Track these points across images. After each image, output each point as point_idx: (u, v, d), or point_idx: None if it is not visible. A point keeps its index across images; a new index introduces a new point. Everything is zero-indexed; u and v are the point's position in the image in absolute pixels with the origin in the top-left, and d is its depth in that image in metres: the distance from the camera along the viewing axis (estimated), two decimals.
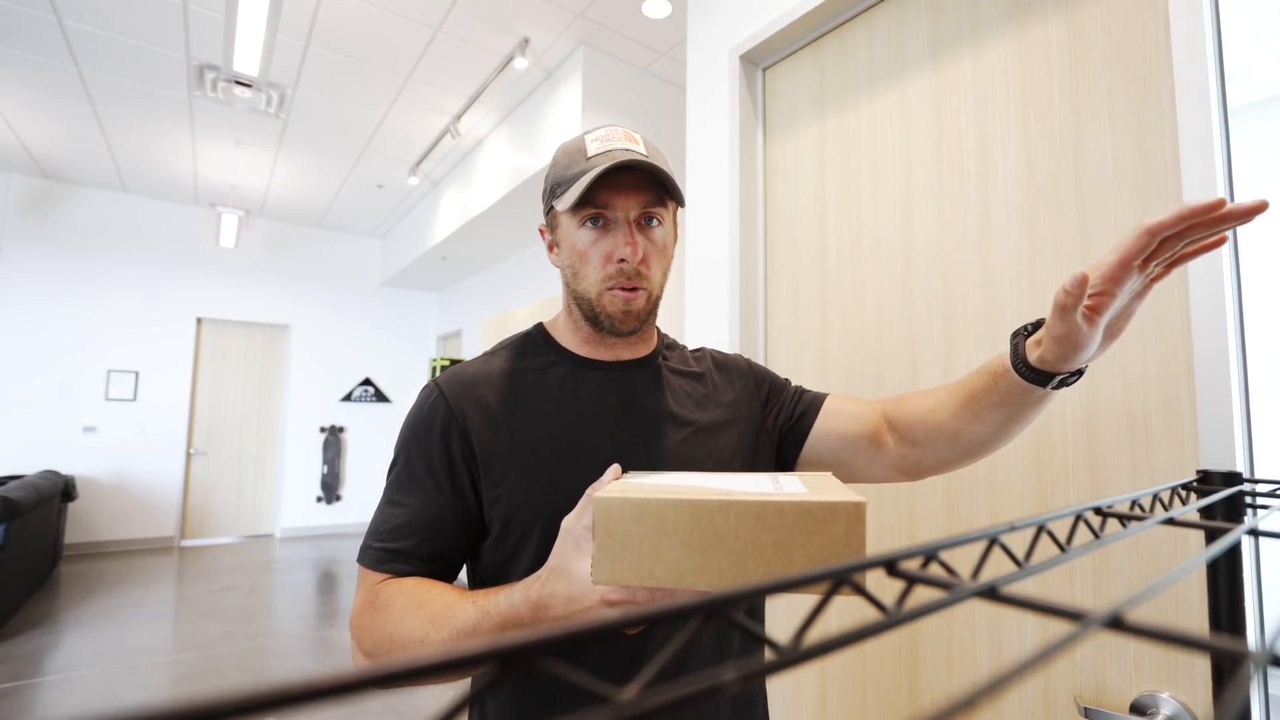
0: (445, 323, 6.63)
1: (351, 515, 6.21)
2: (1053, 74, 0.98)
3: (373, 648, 0.62)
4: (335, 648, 3.30)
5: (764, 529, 0.40)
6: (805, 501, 0.39)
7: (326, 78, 3.43)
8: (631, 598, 0.48)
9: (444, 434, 0.70)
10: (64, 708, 2.57)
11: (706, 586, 0.41)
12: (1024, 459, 0.96)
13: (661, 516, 0.42)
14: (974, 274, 1.06)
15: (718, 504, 0.41)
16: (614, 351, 0.78)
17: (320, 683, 0.10)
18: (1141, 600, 0.18)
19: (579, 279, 0.73)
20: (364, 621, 0.64)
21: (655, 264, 0.73)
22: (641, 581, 0.42)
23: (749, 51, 1.46)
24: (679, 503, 0.41)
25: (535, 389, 0.74)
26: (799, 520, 0.39)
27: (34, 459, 4.86)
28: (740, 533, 0.40)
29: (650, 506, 0.42)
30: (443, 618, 0.59)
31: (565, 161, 0.72)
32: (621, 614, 0.14)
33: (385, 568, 0.67)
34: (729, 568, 0.40)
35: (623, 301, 0.71)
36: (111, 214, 5.26)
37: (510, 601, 0.55)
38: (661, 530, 0.42)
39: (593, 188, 0.68)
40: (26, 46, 3.16)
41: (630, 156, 0.67)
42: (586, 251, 0.71)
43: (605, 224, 0.71)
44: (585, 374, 0.76)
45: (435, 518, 0.69)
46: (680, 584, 0.42)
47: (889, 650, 1.09)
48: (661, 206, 0.72)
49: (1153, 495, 0.41)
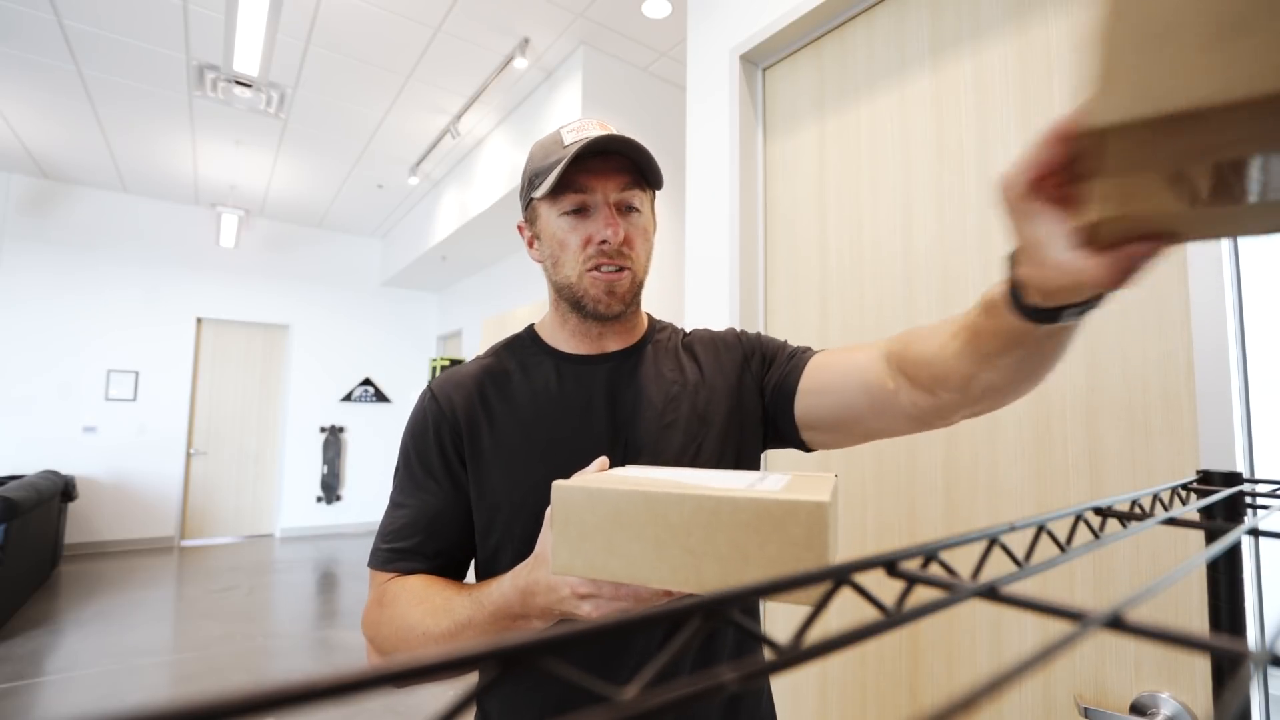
0: (445, 323, 6.62)
1: (351, 515, 6.21)
2: (1053, 74, 0.98)
3: (383, 644, 0.64)
4: (335, 648, 3.30)
5: (718, 526, 0.38)
6: (762, 499, 0.37)
7: (326, 78, 3.43)
8: (597, 591, 0.48)
9: (437, 433, 0.72)
10: (64, 708, 2.57)
11: (659, 584, 0.39)
12: (1024, 459, 0.96)
13: (616, 508, 0.40)
14: (974, 274, 1.06)
15: (672, 497, 0.39)
16: (600, 343, 0.77)
17: (320, 683, 0.10)
18: (1141, 600, 0.18)
19: (560, 266, 0.73)
20: (374, 620, 0.66)
21: (639, 245, 0.73)
22: (597, 574, 0.41)
23: (749, 51, 1.46)
24: (633, 494, 0.40)
25: (520, 388, 0.74)
26: (755, 519, 0.37)
27: (34, 459, 4.86)
28: (694, 529, 0.38)
29: (605, 497, 0.41)
30: (442, 610, 0.60)
31: (541, 154, 0.72)
32: (619, 615, 0.14)
33: (392, 567, 0.69)
34: (682, 565, 0.38)
35: (606, 283, 0.71)
36: (111, 214, 5.26)
37: (500, 590, 0.56)
38: (617, 522, 0.40)
39: (571, 172, 0.68)
40: (26, 46, 3.16)
41: (606, 135, 0.68)
42: (566, 238, 0.71)
43: (584, 210, 0.71)
44: (568, 369, 0.76)
45: (436, 516, 0.71)
46: (634, 579, 0.40)
47: (889, 650, 1.09)
48: (639, 190, 0.73)
49: (1153, 495, 0.41)
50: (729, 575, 0.37)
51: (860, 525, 1.18)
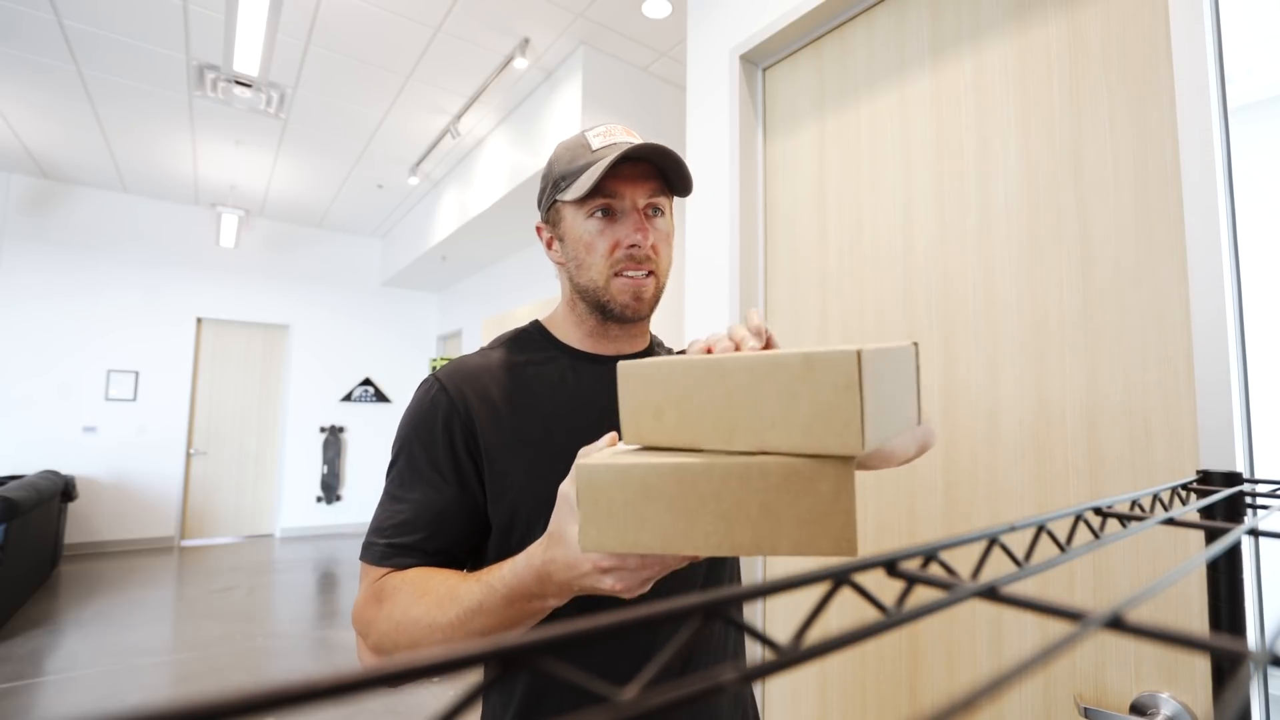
0: (445, 323, 6.62)
1: (351, 515, 6.21)
2: (1053, 74, 0.98)
3: (379, 639, 0.61)
4: (335, 648, 3.30)
5: (748, 490, 0.38)
6: (790, 461, 0.38)
7: (326, 78, 3.43)
8: (622, 564, 0.49)
9: (447, 426, 0.69)
10: (64, 708, 2.57)
11: (693, 551, 0.40)
12: (1024, 459, 0.96)
13: (645, 482, 0.41)
14: (974, 274, 1.06)
15: (701, 466, 0.39)
16: (615, 345, 0.78)
17: (320, 683, 0.10)
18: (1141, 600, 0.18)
19: (584, 269, 0.73)
20: (369, 616, 0.63)
21: (664, 250, 0.75)
22: (628, 548, 0.41)
23: (749, 51, 1.46)
24: (661, 466, 0.40)
25: (536, 383, 0.74)
26: (784, 480, 0.38)
27: (34, 459, 4.86)
28: (724, 495, 0.39)
29: (633, 472, 0.41)
30: (448, 599, 0.58)
31: (568, 156, 0.73)
32: (619, 616, 0.14)
33: (389, 563, 0.66)
34: (714, 531, 0.39)
35: (633, 288, 0.72)
36: (111, 214, 5.26)
37: (515, 571, 0.55)
38: (645, 496, 0.41)
39: (604, 176, 0.69)
40: (26, 46, 3.16)
41: (645, 145, 0.69)
42: (593, 241, 0.72)
43: (612, 214, 0.72)
44: (585, 367, 0.76)
45: (440, 512, 0.68)
46: (666, 549, 0.40)
47: (889, 650, 1.09)
48: (665, 197, 0.74)
49: (1153, 495, 0.41)
50: (761, 538, 0.38)
51: (860, 525, 1.18)
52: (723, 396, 0.41)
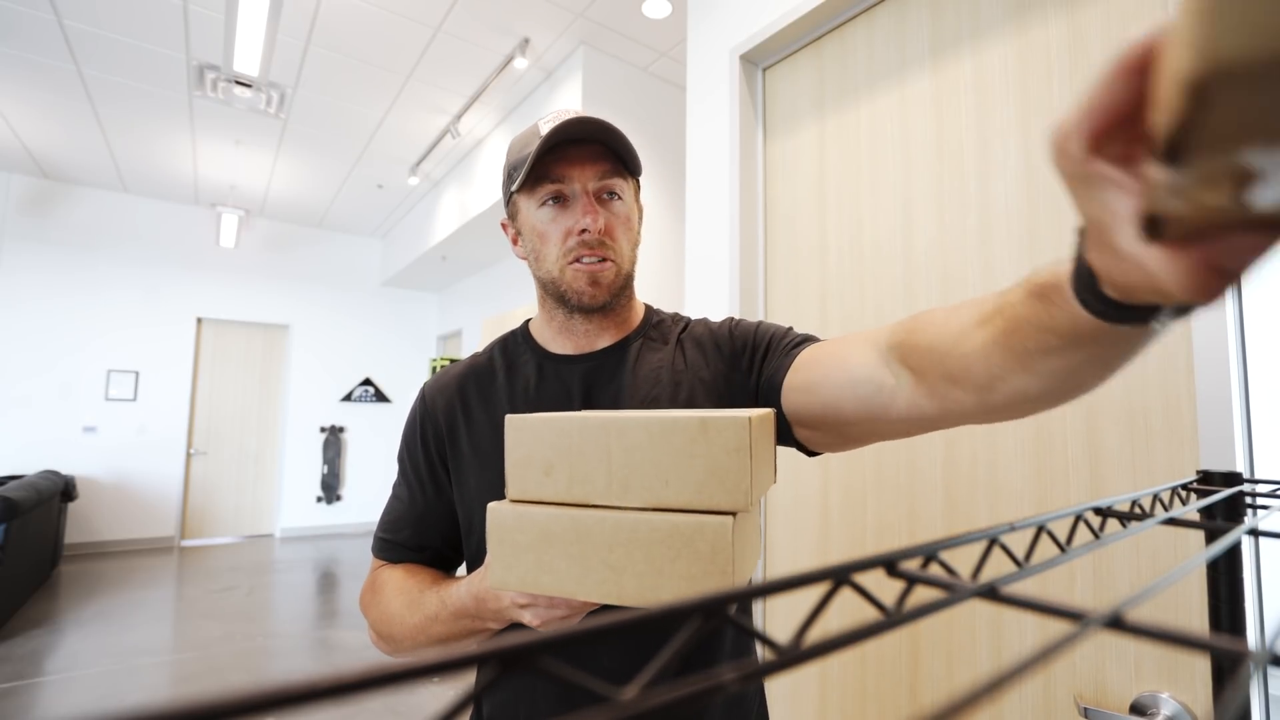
0: (445, 323, 6.62)
1: (352, 515, 6.21)
2: (1053, 74, 0.98)
3: (374, 623, 0.70)
4: (335, 648, 3.29)
5: (636, 544, 0.40)
6: (673, 519, 0.40)
7: (326, 78, 3.43)
8: (534, 602, 0.50)
9: (422, 435, 0.75)
10: (64, 708, 2.57)
11: (586, 597, 0.41)
12: (1024, 459, 0.96)
13: (545, 529, 0.43)
14: (974, 274, 1.06)
15: (595, 517, 0.42)
16: (587, 340, 0.74)
17: (320, 683, 0.10)
18: (1141, 600, 0.18)
19: (541, 260, 0.70)
20: (366, 600, 0.73)
21: (621, 235, 0.70)
22: (529, 588, 0.43)
23: (749, 51, 1.46)
24: (560, 514, 0.43)
25: (502, 389, 0.73)
26: (667, 536, 0.40)
27: (34, 459, 4.86)
28: (615, 546, 0.41)
29: (536, 517, 0.43)
30: (416, 604, 0.65)
31: (519, 146, 0.70)
32: (619, 616, 0.14)
33: (383, 555, 0.76)
34: (606, 580, 0.41)
35: (589, 274, 0.68)
36: (111, 214, 5.26)
37: (458, 594, 0.59)
38: (546, 540, 0.43)
39: (547, 161, 0.66)
40: (26, 46, 3.16)
41: (578, 119, 0.65)
42: (546, 230, 0.69)
43: (564, 201, 0.69)
44: (550, 368, 0.73)
45: (421, 514, 0.74)
46: (562, 593, 0.42)
47: (889, 650, 1.09)
48: (620, 179, 0.70)
49: (1153, 495, 0.41)
50: (645, 590, 0.40)
51: (860, 525, 1.18)
52: (619, 454, 0.42)
